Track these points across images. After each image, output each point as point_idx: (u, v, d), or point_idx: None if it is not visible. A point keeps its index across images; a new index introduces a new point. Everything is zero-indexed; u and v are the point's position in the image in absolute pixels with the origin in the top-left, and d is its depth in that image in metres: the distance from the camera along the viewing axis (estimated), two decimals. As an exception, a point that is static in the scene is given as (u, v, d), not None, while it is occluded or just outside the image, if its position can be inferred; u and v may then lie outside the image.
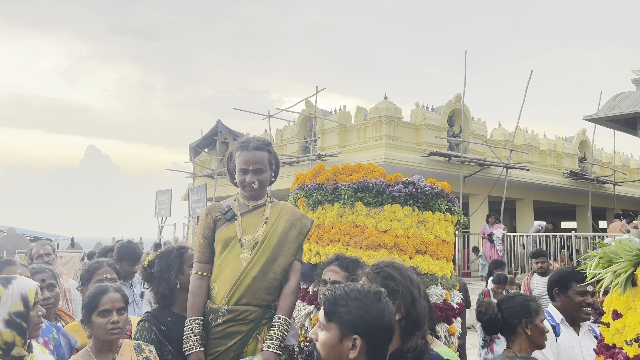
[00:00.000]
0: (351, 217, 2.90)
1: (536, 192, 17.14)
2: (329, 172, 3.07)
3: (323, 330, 1.55)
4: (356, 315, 1.47)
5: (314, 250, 2.97)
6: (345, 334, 1.48)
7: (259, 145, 2.64)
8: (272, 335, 2.43)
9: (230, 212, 2.64)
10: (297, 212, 2.73)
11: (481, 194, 15.15)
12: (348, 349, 1.47)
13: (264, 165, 2.61)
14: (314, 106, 15.13)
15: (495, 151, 15.13)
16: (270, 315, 2.53)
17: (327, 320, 1.54)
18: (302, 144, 16.45)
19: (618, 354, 1.71)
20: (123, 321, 2.27)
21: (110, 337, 2.21)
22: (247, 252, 2.54)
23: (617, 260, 1.73)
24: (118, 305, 2.27)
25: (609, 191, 18.05)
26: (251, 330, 2.47)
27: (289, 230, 2.64)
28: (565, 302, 2.66)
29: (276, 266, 2.56)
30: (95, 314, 2.22)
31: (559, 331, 2.62)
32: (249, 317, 2.47)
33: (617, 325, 1.73)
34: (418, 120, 14.40)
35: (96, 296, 2.26)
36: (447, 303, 2.83)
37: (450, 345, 2.77)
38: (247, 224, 2.62)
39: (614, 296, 1.78)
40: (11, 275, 2.03)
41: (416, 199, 2.89)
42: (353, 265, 2.46)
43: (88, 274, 2.82)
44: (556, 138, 18.33)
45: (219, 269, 2.57)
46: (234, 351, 2.44)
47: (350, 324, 1.47)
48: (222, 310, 2.47)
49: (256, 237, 2.57)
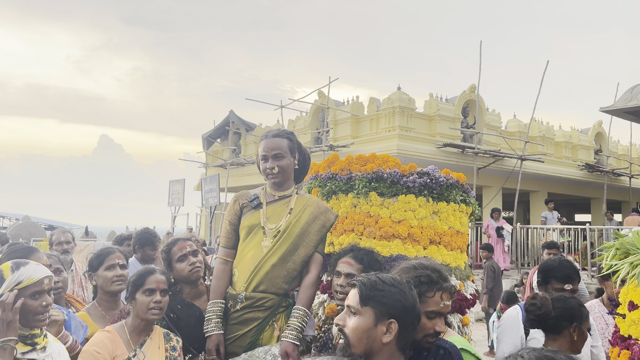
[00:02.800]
0: (365, 207, 2.90)
1: (551, 185, 16.98)
2: (343, 162, 3.07)
3: (355, 315, 1.56)
4: (394, 300, 1.53)
5: (327, 240, 2.98)
6: (381, 318, 1.52)
7: (279, 133, 2.71)
8: (291, 326, 2.46)
9: (257, 200, 2.70)
10: (322, 205, 2.79)
11: (495, 186, 15.05)
12: (382, 333, 1.51)
13: (283, 151, 2.65)
14: (327, 97, 15.09)
15: (510, 143, 15.00)
16: (287, 304, 2.57)
17: (363, 304, 1.55)
18: (314, 135, 16.44)
19: (634, 345, 1.71)
20: (165, 303, 2.34)
21: (151, 316, 2.28)
22: (268, 240, 2.60)
23: (634, 252, 1.73)
24: (162, 287, 2.34)
25: (624, 184, 17.82)
26: (268, 317, 2.51)
27: (313, 222, 2.68)
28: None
29: (296, 256, 2.60)
30: (140, 292, 2.30)
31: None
32: (265, 304, 2.51)
33: (633, 317, 1.73)
34: (432, 111, 14.31)
35: (143, 275, 2.35)
36: (461, 294, 2.82)
37: (464, 335, 2.77)
38: (272, 213, 2.67)
39: (630, 287, 1.77)
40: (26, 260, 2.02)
41: (431, 190, 2.88)
42: (368, 258, 2.47)
43: (99, 259, 2.83)
44: (572, 130, 18.11)
45: (241, 255, 2.64)
46: (250, 337, 2.48)
47: (389, 308, 1.52)
48: (240, 297, 2.52)
49: (279, 226, 2.62)
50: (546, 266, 2.68)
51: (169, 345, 2.33)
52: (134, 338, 2.27)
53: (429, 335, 1.81)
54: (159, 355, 2.27)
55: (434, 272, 1.91)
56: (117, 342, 2.20)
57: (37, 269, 1.96)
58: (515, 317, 2.63)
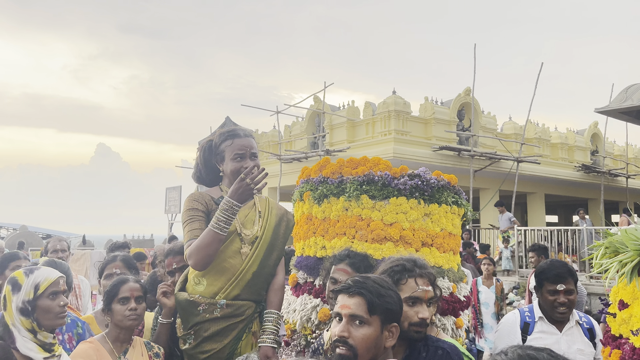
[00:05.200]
0: (357, 210, 2.88)
1: (547, 186, 17.00)
2: (334, 165, 3.06)
3: (364, 326, 1.53)
4: (394, 305, 1.57)
5: (319, 244, 2.97)
6: (385, 324, 1.55)
7: (248, 132, 2.62)
8: (268, 330, 2.42)
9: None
10: (281, 206, 2.74)
11: (492, 188, 15.06)
12: (386, 338, 1.54)
13: (257, 150, 2.60)
14: (322, 102, 15.11)
15: (506, 145, 15.03)
16: (261, 309, 2.51)
17: (371, 314, 1.54)
18: (310, 140, 16.45)
19: (624, 344, 1.70)
20: (141, 309, 2.35)
21: (128, 322, 2.28)
22: (247, 247, 2.48)
23: (623, 250, 1.72)
24: (136, 294, 2.35)
25: (621, 184, 17.86)
26: (245, 326, 2.44)
27: (279, 224, 2.63)
28: (542, 299, 2.58)
29: (271, 261, 2.54)
30: (115, 301, 2.32)
31: (532, 329, 2.53)
32: (245, 312, 2.43)
33: (623, 316, 1.72)
34: (427, 115, 14.33)
35: (117, 285, 2.37)
36: (454, 296, 2.81)
37: (457, 338, 2.76)
38: (244, 218, 2.53)
39: (620, 286, 1.76)
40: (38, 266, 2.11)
41: (422, 192, 2.87)
42: (364, 264, 2.43)
43: (102, 267, 2.97)
44: (567, 131, 18.15)
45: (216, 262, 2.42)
46: (229, 348, 2.40)
47: (393, 313, 1.56)
48: (220, 304, 2.39)
49: (255, 232, 2.53)
50: (538, 269, 2.66)
51: (152, 353, 2.36)
52: (117, 347, 2.28)
53: (414, 324, 1.78)
54: None
55: (408, 262, 1.92)
56: (101, 351, 2.21)
57: (51, 270, 2.05)
58: (513, 322, 2.60)
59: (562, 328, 2.53)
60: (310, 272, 2.98)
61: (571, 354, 2.38)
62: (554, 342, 2.47)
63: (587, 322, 2.62)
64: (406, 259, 1.94)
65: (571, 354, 2.38)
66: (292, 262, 3.20)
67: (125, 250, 5.52)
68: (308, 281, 3.00)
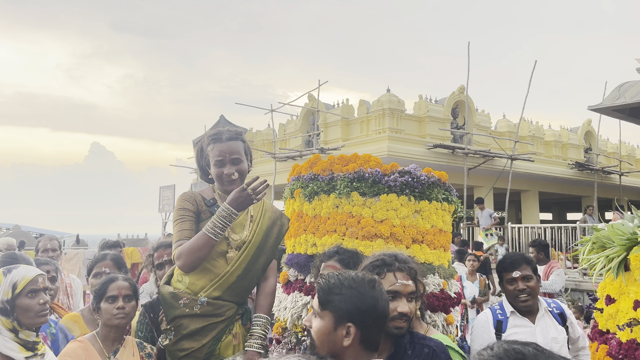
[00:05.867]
0: (347, 207, 2.88)
1: (541, 184, 17.06)
2: (325, 162, 3.05)
3: (317, 318, 1.55)
4: (351, 304, 1.48)
5: (310, 241, 2.96)
6: (340, 322, 1.49)
7: (233, 135, 2.53)
8: (255, 335, 2.39)
9: (217, 205, 2.48)
10: (276, 209, 2.68)
11: (486, 186, 15.09)
12: (342, 337, 1.48)
13: (240, 155, 2.51)
14: (317, 100, 15.10)
15: (500, 143, 15.06)
16: (243, 311, 2.47)
17: (322, 308, 1.54)
18: (305, 138, 16.44)
19: (611, 339, 1.70)
20: (130, 308, 2.34)
21: (116, 321, 2.27)
22: (233, 251, 2.45)
23: (610, 245, 1.72)
24: (125, 293, 2.34)
25: (615, 182, 17.94)
26: (225, 327, 2.40)
27: (271, 228, 2.58)
28: (505, 293, 2.60)
29: (258, 265, 2.50)
30: (103, 300, 2.31)
31: (506, 326, 2.54)
32: (226, 312, 2.39)
33: (610, 311, 1.72)
34: (421, 113, 14.34)
35: (105, 283, 2.36)
36: (445, 292, 2.80)
37: (448, 335, 2.76)
38: (234, 222, 2.45)
39: (607, 281, 1.77)
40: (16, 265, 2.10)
41: (412, 188, 2.87)
42: (353, 261, 2.42)
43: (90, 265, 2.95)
44: (561, 129, 18.22)
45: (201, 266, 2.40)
46: (208, 347, 2.37)
47: (345, 312, 1.48)
48: (201, 300, 2.37)
49: (244, 236, 2.49)
50: (497, 265, 2.69)
51: (143, 353, 2.34)
52: (107, 347, 2.26)
53: (393, 318, 1.77)
54: None
55: (389, 257, 1.91)
56: (90, 351, 2.19)
57: (29, 268, 2.04)
58: (485, 322, 2.61)
59: (534, 319, 2.54)
60: (301, 270, 2.98)
61: (546, 345, 2.38)
62: (529, 334, 2.47)
63: (557, 307, 2.64)
64: (388, 254, 1.94)
65: (546, 345, 2.38)
66: (283, 259, 3.20)
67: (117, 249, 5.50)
68: (299, 279, 3.00)
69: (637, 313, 1.60)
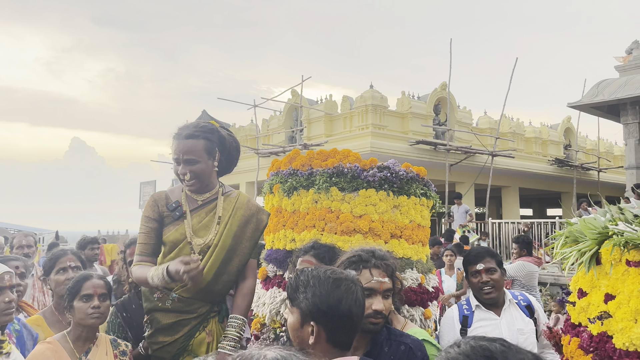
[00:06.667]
0: (326, 202, 2.87)
1: (521, 180, 17.28)
2: (304, 157, 3.04)
3: (289, 314, 1.56)
4: (312, 303, 1.47)
5: (289, 237, 2.95)
6: (305, 320, 1.48)
7: (193, 132, 2.35)
8: (229, 336, 2.31)
9: (179, 209, 2.41)
10: (252, 205, 2.54)
11: (467, 182, 15.24)
12: (308, 334, 1.47)
13: (196, 155, 2.33)
14: (300, 95, 15.06)
15: (481, 139, 15.21)
16: (219, 309, 2.43)
17: (291, 304, 1.55)
18: (288, 134, 16.39)
19: (583, 332, 1.72)
20: (105, 307, 2.27)
21: (90, 321, 2.21)
22: (197, 256, 2.32)
23: (582, 239, 1.74)
24: (100, 291, 2.27)
25: (593, 178, 18.25)
26: (199, 323, 2.36)
27: (245, 227, 2.45)
28: (470, 286, 2.62)
29: (231, 267, 2.40)
30: (77, 299, 2.23)
31: (471, 321, 2.54)
32: (198, 309, 2.35)
33: (582, 304, 1.74)
34: (404, 109, 14.41)
35: (79, 281, 2.28)
36: (423, 287, 2.82)
37: (426, 329, 2.77)
38: (198, 225, 2.40)
39: (579, 275, 1.79)
40: None
41: (391, 184, 2.87)
42: (329, 255, 2.41)
43: (51, 262, 2.75)
44: (541, 125, 18.46)
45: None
46: (180, 343, 2.33)
47: (307, 311, 1.47)
48: (172, 296, 2.34)
49: (208, 240, 2.38)
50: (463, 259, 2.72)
51: (117, 351, 2.28)
52: (78, 347, 2.20)
53: (368, 315, 1.76)
54: None
55: (366, 253, 1.90)
56: (59, 352, 2.13)
57: None
58: (451, 317, 2.61)
59: (500, 312, 2.55)
60: (280, 265, 2.97)
61: (512, 336, 2.40)
62: (494, 327, 2.49)
63: (524, 299, 2.64)
64: (366, 250, 1.92)
65: (512, 336, 2.40)
66: (262, 255, 3.18)
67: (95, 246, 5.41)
68: (277, 274, 2.99)
69: (608, 306, 1.62)
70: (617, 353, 1.57)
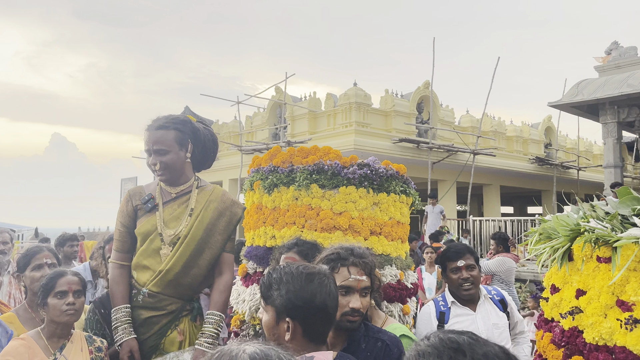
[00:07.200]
0: (306, 199, 2.88)
1: (502, 178, 17.48)
2: (284, 154, 3.04)
3: (264, 312, 1.56)
4: (286, 299, 1.47)
5: (269, 234, 2.95)
6: (280, 317, 1.48)
7: (164, 123, 2.39)
8: (206, 333, 2.31)
9: (152, 201, 2.43)
10: (227, 198, 2.54)
11: (449, 180, 15.37)
12: (284, 331, 1.47)
13: (166, 146, 2.36)
14: (284, 92, 15.03)
15: (463, 137, 15.34)
16: (191, 307, 2.41)
17: (265, 303, 1.55)
18: (272, 131, 16.35)
19: (555, 327, 1.76)
20: (79, 304, 2.25)
21: (65, 318, 2.19)
22: (167, 248, 2.36)
23: (555, 236, 1.77)
24: (75, 288, 2.25)
25: (573, 176, 18.55)
26: (170, 321, 2.35)
27: (218, 220, 2.46)
28: (448, 282, 2.65)
29: (202, 260, 2.40)
30: (51, 295, 2.21)
31: (448, 317, 2.58)
32: (168, 306, 2.34)
33: (554, 300, 1.78)
34: (387, 107, 14.47)
35: (54, 278, 2.25)
36: (401, 283, 2.85)
37: (405, 324, 2.80)
38: (169, 216, 2.42)
39: (552, 271, 1.82)
40: None
41: (371, 181, 2.89)
42: (312, 252, 2.42)
43: (26, 259, 2.70)
44: (522, 124, 18.68)
45: (138, 259, 2.42)
46: (151, 342, 2.32)
47: (283, 307, 1.47)
48: (143, 291, 2.35)
49: (178, 231, 2.38)
50: (440, 255, 2.75)
51: (93, 347, 2.26)
52: (52, 343, 2.18)
53: (345, 313, 1.77)
54: (82, 357, 2.19)
55: (345, 251, 1.90)
56: (33, 348, 2.10)
57: None
58: (428, 314, 2.64)
59: (475, 307, 2.60)
60: (260, 262, 2.97)
61: (488, 331, 2.45)
62: (471, 322, 2.53)
63: (497, 293, 2.71)
64: (344, 248, 1.92)
65: (488, 331, 2.45)
66: (242, 252, 3.18)
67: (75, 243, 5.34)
68: (258, 271, 2.99)
69: (579, 301, 1.66)
70: (587, 347, 1.60)
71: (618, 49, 12.18)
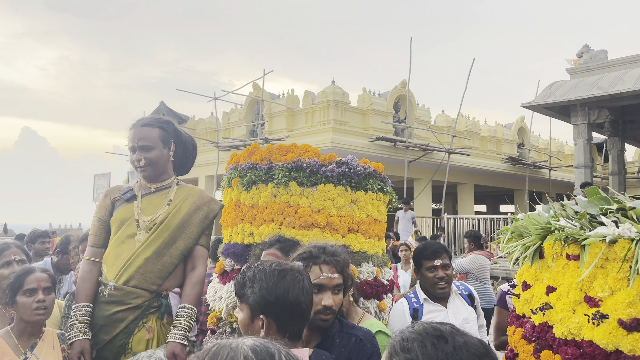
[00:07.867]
0: (285, 197, 2.89)
1: (476, 177, 17.78)
2: (263, 152, 3.04)
3: (239, 311, 1.57)
4: (259, 297, 1.49)
5: (247, 231, 2.95)
6: (254, 314, 1.50)
7: (149, 121, 2.50)
8: (179, 326, 2.29)
9: (130, 192, 2.50)
10: (205, 195, 2.62)
11: (425, 179, 15.56)
12: (259, 328, 1.49)
13: (151, 142, 2.45)
14: (262, 89, 14.97)
15: (438, 137, 15.55)
16: (159, 304, 2.39)
17: (239, 301, 1.56)
18: (249, 128, 16.28)
19: (526, 322, 1.81)
20: (50, 301, 2.21)
21: (36, 317, 2.15)
22: (142, 233, 2.41)
23: (527, 234, 1.82)
24: (44, 285, 2.21)
25: (545, 176, 18.97)
26: (137, 318, 2.32)
27: (194, 213, 2.52)
28: (422, 280, 2.72)
29: (174, 249, 2.43)
30: (20, 293, 2.16)
31: (421, 313, 2.64)
32: (134, 300, 2.32)
33: (526, 296, 1.83)
34: (365, 105, 14.55)
35: (21, 275, 2.21)
36: (378, 280, 2.88)
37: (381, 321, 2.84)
38: (147, 205, 2.49)
39: (524, 268, 1.88)
40: None
41: (349, 179, 2.92)
42: (293, 249, 2.43)
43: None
44: (496, 125, 19.02)
45: (111, 249, 2.44)
46: (119, 341, 2.29)
47: (256, 305, 1.49)
48: (109, 285, 2.34)
49: (155, 217, 2.44)
50: (415, 251, 2.81)
51: (65, 345, 2.23)
52: (23, 342, 2.14)
53: (318, 311, 1.78)
54: (54, 355, 2.16)
55: (317, 249, 1.92)
56: (3, 347, 2.07)
57: None
58: (402, 311, 2.69)
59: (446, 303, 2.68)
60: (238, 260, 2.96)
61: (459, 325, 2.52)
62: (443, 318, 2.59)
63: (465, 288, 2.81)
64: (317, 246, 1.94)
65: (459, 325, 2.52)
66: (219, 249, 3.17)
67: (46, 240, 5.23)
68: (235, 268, 2.98)
69: (549, 298, 1.72)
70: (557, 342, 1.66)
71: (589, 52, 12.49)
